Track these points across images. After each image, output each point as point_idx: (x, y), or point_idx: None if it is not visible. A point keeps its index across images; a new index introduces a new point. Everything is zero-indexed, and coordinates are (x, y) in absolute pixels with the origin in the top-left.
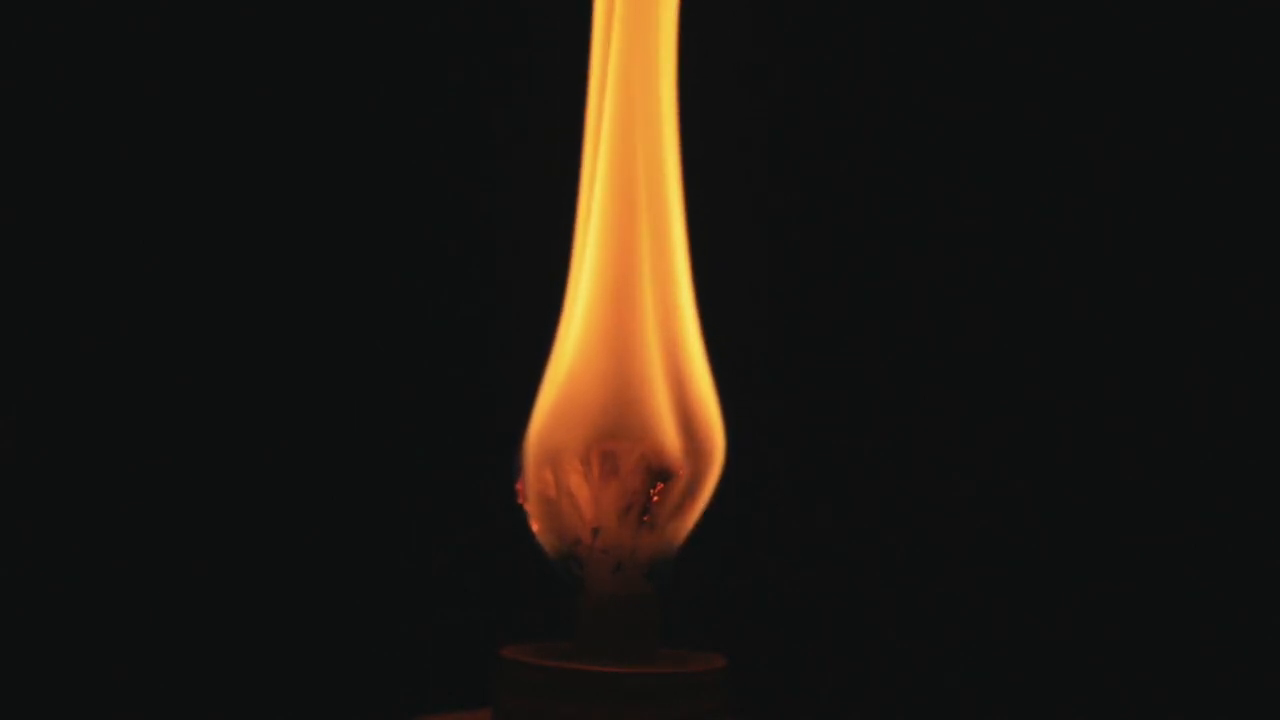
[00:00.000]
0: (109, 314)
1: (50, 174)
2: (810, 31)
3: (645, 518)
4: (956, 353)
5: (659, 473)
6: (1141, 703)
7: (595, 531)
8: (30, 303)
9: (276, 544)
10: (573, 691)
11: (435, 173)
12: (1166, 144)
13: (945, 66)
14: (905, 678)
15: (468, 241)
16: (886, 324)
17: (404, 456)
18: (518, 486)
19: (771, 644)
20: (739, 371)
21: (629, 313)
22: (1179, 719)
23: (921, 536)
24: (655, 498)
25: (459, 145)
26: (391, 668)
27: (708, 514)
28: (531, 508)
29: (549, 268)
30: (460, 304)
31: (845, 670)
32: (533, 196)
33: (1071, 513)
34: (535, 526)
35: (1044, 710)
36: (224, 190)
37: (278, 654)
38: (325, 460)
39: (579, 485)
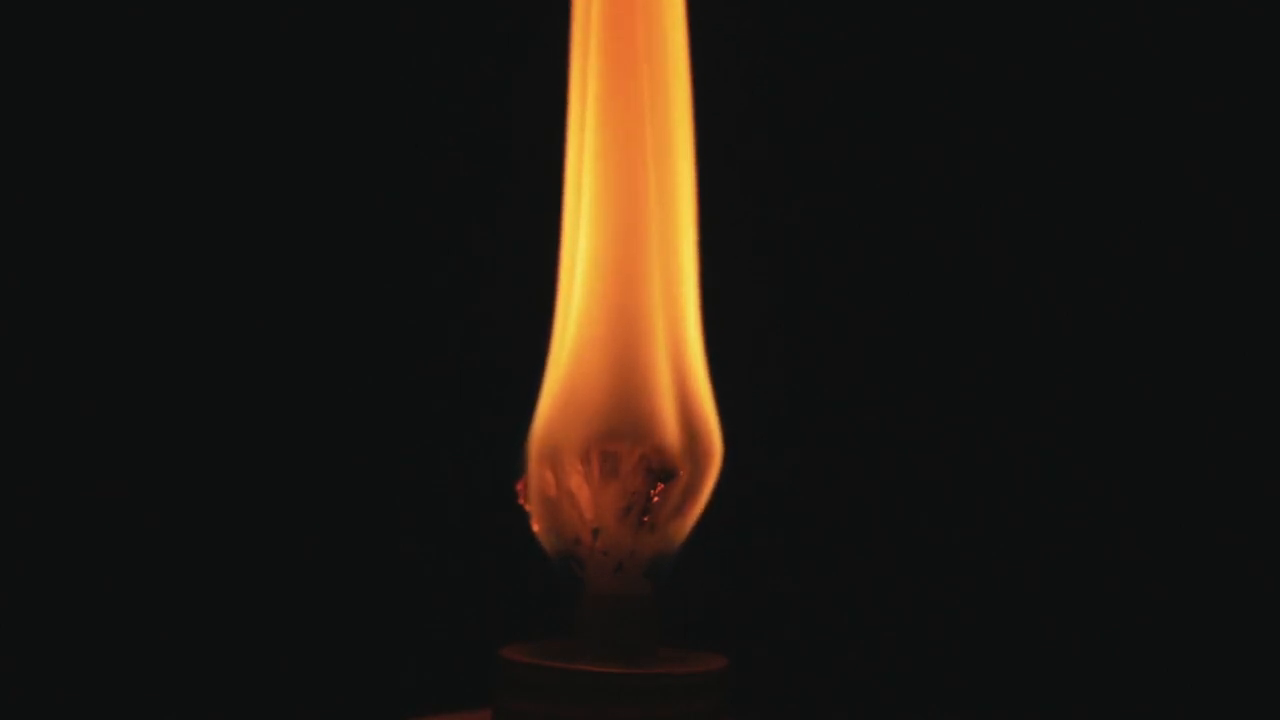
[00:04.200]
0: (109, 314)
1: (49, 174)
2: (809, 28)
3: (645, 518)
4: (957, 353)
5: (659, 473)
6: (1142, 703)
7: (595, 532)
8: (30, 302)
9: (277, 544)
10: (573, 691)
11: (436, 172)
12: (1166, 144)
13: (945, 66)
14: (904, 678)
15: (468, 240)
16: (887, 324)
17: (404, 456)
18: (518, 486)
19: (771, 644)
20: (740, 371)
21: (632, 313)
22: (1179, 719)
23: (921, 536)
24: (655, 498)
25: (458, 145)
26: (391, 668)
27: (707, 514)
28: (532, 508)
29: (550, 266)
30: (460, 303)
31: (845, 670)
32: (534, 195)
33: (1072, 513)
34: (535, 526)
35: (1044, 710)
36: (223, 192)
37: (278, 654)
38: (325, 460)
39: (579, 485)
